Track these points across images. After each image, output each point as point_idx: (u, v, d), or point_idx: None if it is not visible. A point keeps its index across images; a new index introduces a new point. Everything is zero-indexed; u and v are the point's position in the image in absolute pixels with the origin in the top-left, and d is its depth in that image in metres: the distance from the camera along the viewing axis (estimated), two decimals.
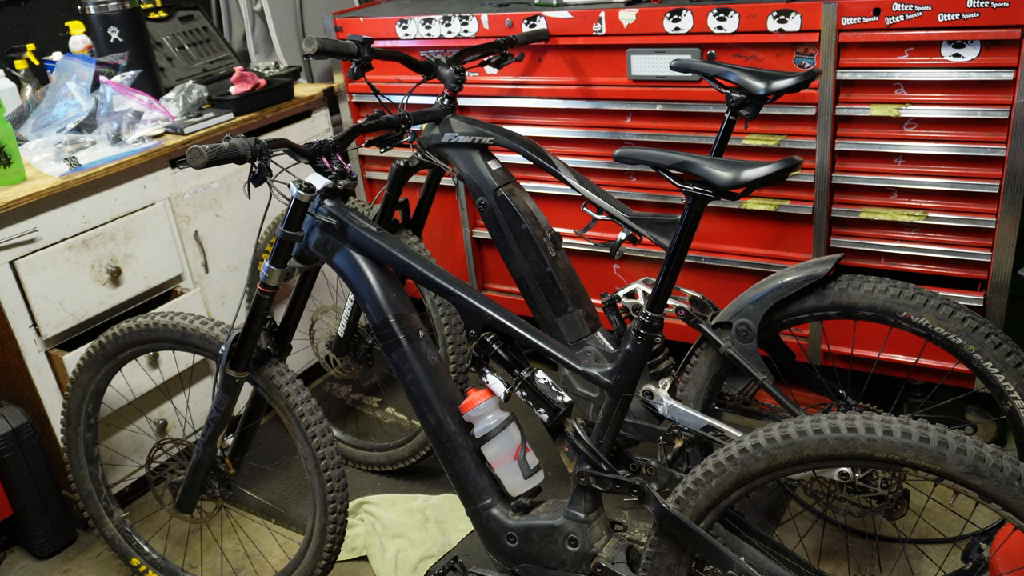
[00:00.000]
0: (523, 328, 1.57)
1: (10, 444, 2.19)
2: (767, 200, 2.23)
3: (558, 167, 2.03)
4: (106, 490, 2.17)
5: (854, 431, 1.27)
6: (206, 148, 1.45)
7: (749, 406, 1.96)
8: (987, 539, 1.78)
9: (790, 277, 1.74)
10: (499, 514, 1.66)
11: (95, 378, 2.03)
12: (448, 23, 2.51)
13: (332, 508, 1.82)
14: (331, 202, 1.68)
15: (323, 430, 1.81)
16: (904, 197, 2.09)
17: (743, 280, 2.34)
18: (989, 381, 1.66)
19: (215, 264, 2.57)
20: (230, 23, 3.21)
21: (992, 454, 1.21)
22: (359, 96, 2.84)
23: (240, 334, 1.76)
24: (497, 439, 1.63)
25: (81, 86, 2.35)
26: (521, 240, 2.06)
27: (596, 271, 2.58)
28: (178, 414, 2.49)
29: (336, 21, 2.72)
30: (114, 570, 2.29)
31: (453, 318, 2.22)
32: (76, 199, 2.18)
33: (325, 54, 1.93)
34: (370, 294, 1.67)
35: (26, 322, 2.14)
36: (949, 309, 1.66)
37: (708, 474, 1.39)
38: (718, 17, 2.10)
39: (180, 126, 2.41)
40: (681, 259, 1.54)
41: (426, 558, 2.19)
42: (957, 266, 2.09)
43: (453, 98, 2.15)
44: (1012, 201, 1.94)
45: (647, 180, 2.40)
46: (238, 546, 2.33)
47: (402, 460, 2.47)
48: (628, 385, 1.56)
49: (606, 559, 1.59)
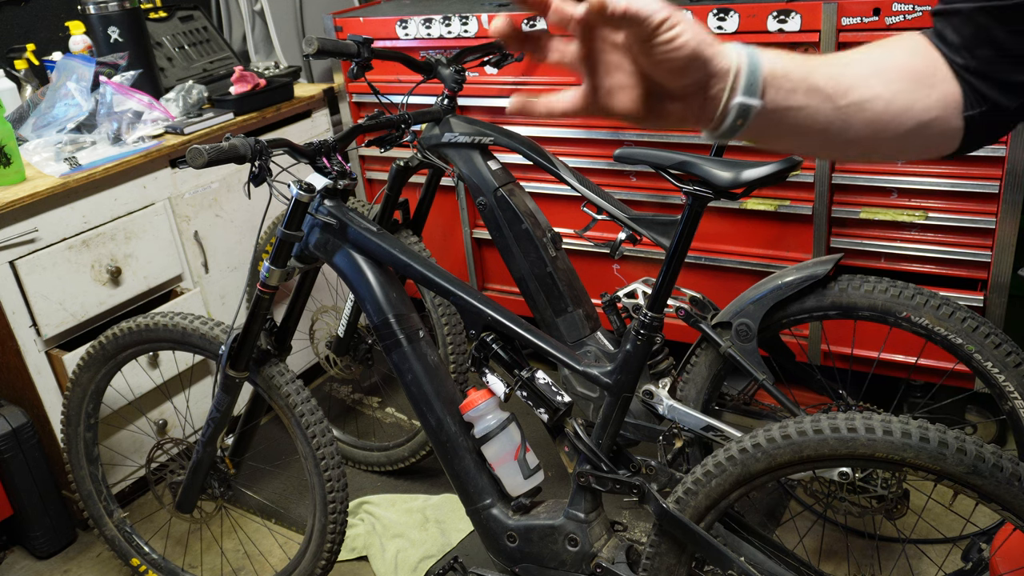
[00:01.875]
0: (523, 328, 1.57)
1: (10, 444, 2.19)
2: (767, 200, 2.23)
3: (558, 167, 2.03)
4: (106, 490, 2.17)
5: (854, 431, 1.27)
6: (206, 148, 1.45)
7: (749, 406, 1.96)
8: (987, 539, 1.78)
9: (790, 277, 1.74)
10: (499, 514, 1.66)
11: (95, 378, 2.03)
12: (448, 23, 2.51)
13: (332, 508, 1.82)
14: (331, 202, 1.68)
15: (323, 430, 1.80)
16: (904, 197, 2.09)
17: (743, 280, 2.34)
18: (989, 381, 1.66)
19: (215, 264, 2.57)
20: (230, 23, 3.21)
21: (992, 454, 1.21)
22: (359, 96, 2.84)
23: (240, 334, 1.76)
24: (497, 439, 1.63)
25: (81, 86, 2.35)
26: (521, 240, 2.06)
27: (596, 271, 2.58)
28: (178, 414, 2.49)
29: (336, 21, 2.72)
30: (114, 570, 2.29)
31: (453, 318, 2.22)
32: (76, 199, 2.18)
33: (325, 54, 1.93)
34: (370, 294, 1.67)
35: (26, 322, 2.14)
36: (949, 309, 1.66)
37: (708, 474, 1.39)
38: (718, 17, 2.10)
39: (180, 126, 2.41)
40: (681, 259, 1.54)
41: (426, 558, 2.19)
42: (957, 266, 2.09)
43: (453, 98, 2.15)
44: (1012, 201, 1.94)
45: (647, 180, 2.40)
46: (238, 546, 2.33)
47: (402, 460, 2.47)
48: (628, 385, 1.56)
49: (606, 559, 1.59)
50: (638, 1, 0.61)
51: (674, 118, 0.69)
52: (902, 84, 0.74)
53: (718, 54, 0.66)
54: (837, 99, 0.71)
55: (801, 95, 0.70)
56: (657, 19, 0.61)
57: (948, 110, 0.75)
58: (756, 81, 0.67)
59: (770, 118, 0.70)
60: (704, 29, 0.65)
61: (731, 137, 0.71)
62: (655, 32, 0.61)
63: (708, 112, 0.68)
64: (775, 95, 0.69)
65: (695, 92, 0.67)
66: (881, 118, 0.73)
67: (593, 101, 0.68)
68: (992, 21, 0.73)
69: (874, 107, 0.73)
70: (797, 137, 0.73)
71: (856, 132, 0.73)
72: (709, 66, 0.65)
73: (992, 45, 0.73)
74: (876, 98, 0.73)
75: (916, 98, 0.74)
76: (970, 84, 0.76)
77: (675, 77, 0.65)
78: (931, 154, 0.80)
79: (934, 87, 0.75)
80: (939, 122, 0.76)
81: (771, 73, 0.68)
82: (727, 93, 0.67)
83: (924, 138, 0.76)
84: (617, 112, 0.68)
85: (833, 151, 0.76)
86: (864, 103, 0.72)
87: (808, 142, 0.75)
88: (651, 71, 0.65)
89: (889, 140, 0.75)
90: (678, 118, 0.69)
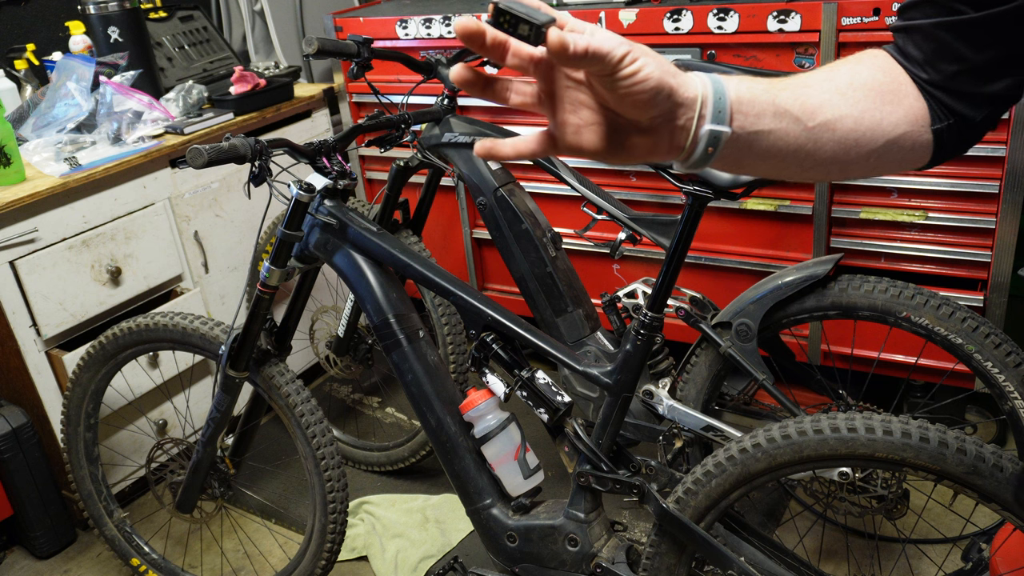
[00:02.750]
0: (523, 328, 1.57)
1: (10, 444, 2.19)
2: (767, 200, 2.23)
3: (558, 167, 2.03)
4: (106, 490, 2.17)
5: (854, 431, 1.27)
6: (206, 148, 1.45)
7: (749, 406, 1.96)
8: (987, 539, 1.78)
9: (790, 277, 1.74)
10: (499, 514, 1.66)
11: (95, 378, 2.03)
12: (448, 23, 2.51)
13: (332, 508, 1.82)
14: (331, 202, 1.68)
15: (323, 430, 1.80)
16: (904, 197, 2.09)
17: (743, 280, 2.34)
18: (989, 381, 1.65)
19: (215, 264, 2.57)
20: (230, 23, 3.21)
21: (992, 454, 1.21)
22: (359, 96, 2.84)
23: (240, 334, 1.76)
24: (497, 439, 1.63)
25: (81, 86, 2.35)
26: (521, 240, 2.06)
27: (596, 271, 2.58)
28: (178, 414, 2.49)
29: (336, 21, 2.72)
30: (114, 570, 2.29)
31: (453, 318, 2.22)
32: (76, 199, 2.18)
33: (325, 54, 1.93)
34: (370, 294, 1.67)
35: (26, 322, 2.14)
36: (949, 309, 1.66)
37: (708, 474, 1.39)
38: (718, 17, 2.10)
39: (180, 126, 2.41)
40: (681, 259, 1.54)
41: (426, 558, 2.19)
42: (957, 266, 2.09)
43: (453, 98, 2.15)
44: (1012, 201, 1.94)
45: (647, 180, 2.40)
46: (238, 546, 2.33)
47: (402, 460, 2.47)
48: (628, 385, 1.56)
49: (606, 559, 1.59)
50: (597, 39, 0.60)
51: (641, 151, 0.68)
52: (869, 102, 0.74)
53: (683, 84, 0.66)
54: (806, 120, 0.71)
55: (769, 119, 0.70)
56: (618, 55, 0.61)
57: (916, 125, 0.76)
58: (724, 108, 0.67)
59: (740, 144, 0.69)
60: (665, 60, 0.65)
61: (703, 166, 0.70)
62: (617, 67, 0.61)
63: (677, 142, 0.68)
64: (743, 120, 0.68)
65: (662, 124, 0.66)
66: (850, 136, 0.73)
67: (560, 138, 0.68)
68: (951, 37, 0.73)
69: (843, 126, 0.73)
70: (769, 161, 0.73)
71: (827, 152, 0.73)
72: (675, 96, 0.65)
73: (954, 59, 0.74)
74: (844, 117, 0.73)
75: (883, 115, 0.74)
76: (935, 98, 0.76)
77: (641, 110, 0.65)
78: (904, 168, 0.80)
79: (900, 103, 0.75)
80: (908, 137, 0.76)
81: (737, 99, 0.68)
82: (695, 122, 0.67)
83: (894, 154, 0.76)
84: (584, 148, 0.68)
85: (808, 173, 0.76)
86: (832, 123, 0.72)
87: (781, 165, 0.74)
88: (616, 106, 0.65)
89: (861, 158, 0.75)
90: (646, 151, 0.68)
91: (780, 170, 0.75)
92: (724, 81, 0.68)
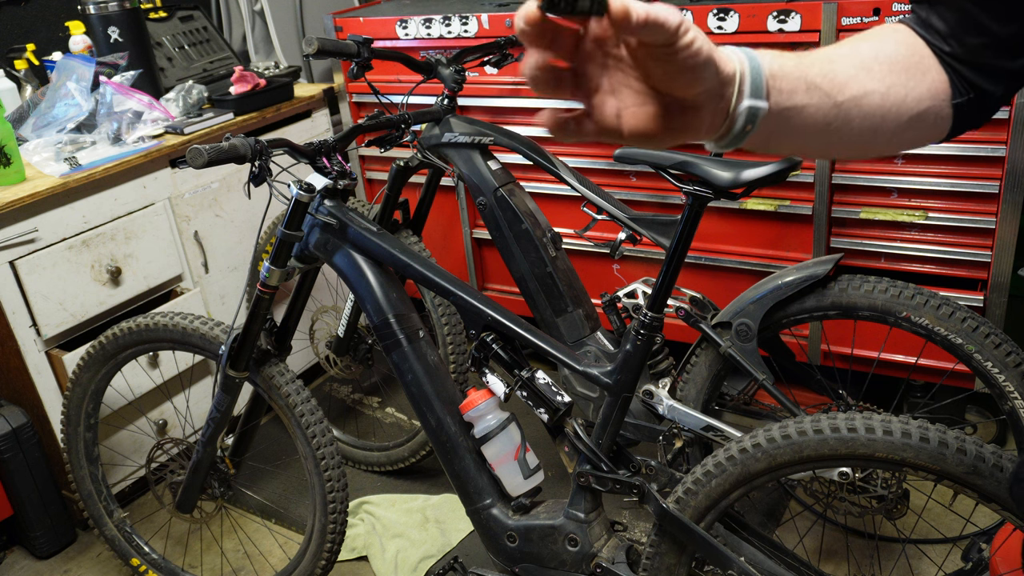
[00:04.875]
0: (523, 328, 1.57)
1: (10, 444, 2.19)
2: (767, 200, 2.23)
3: (558, 167, 2.03)
4: (106, 490, 2.17)
5: (854, 431, 1.27)
6: (206, 148, 1.45)
7: (749, 406, 1.96)
8: (987, 539, 1.78)
9: (790, 277, 1.74)
10: (499, 514, 1.66)
11: (95, 378, 2.03)
12: (448, 23, 2.51)
13: (332, 508, 1.82)
14: (331, 202, 1.68)
15: (323, 430, 1.81)
16: (904, 197, 2.09)
17: (743, 280, 2.34)
18: (989, 381, 1.66)
19: (215, 264, 2.57)
20: (230, 23, 3.21)
21: (992, 454, 1.21)
22: (359, 96, 2.84)
23: (240, 334, 1.76)
24: (497, 439, 1.63)
25: (81, 86, 2.35)
26: (521, 240, 2.06)
27: (596, 271, 2.58)
28: (178, 414, 2.49)
29: (336, 21, 2.72)
30: (114, 570, 2.29)
31: (453, 318, 2.22)
32: (76, 199, 2.18)
33: (325, 54, 1.93)
34: (370, 294, 1.67)
35: (26, 322, 2.14)
36: (949, 309, 1.66)
37: (708, 474, 1.39)
38: (718, 17, 2.10)
39: (180, 126, 2.41)
40: (681, 259, 1.54)
41: (426, 558, 2.19)
42: (957, 266, 2.09)
43: (453, 98, 2.15)
44: (1012, 201, 1.94)
45: (647, 180, 2.40)
46: (238, 546, 2.33)
47: (402, 460, 2.47)
48: (628, 385, 1.56)
49: (606, 559, 1.59)
50: (655, 8, 0.58)
51: (690, 131, 0.65)
52: (895, 77, 0.73)
53: (722, 58, 0.63)
54: (835, 95, 0.70)
55: (801, 94, 0.68)
56: (674, 23, 0.58)
57: (938, 99, 0.75)
58: (760, 83, 0.65)
59: (775, 120, 0.68)
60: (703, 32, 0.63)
61: (738, 144, 0.68)
62: (675, 36, 0.58)
63: (716, 120, 0.65)
64: (778, 97, 0.67)
65: (706, 100, 0.63)
66: (877, 112, 0.72)
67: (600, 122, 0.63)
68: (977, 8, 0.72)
69: (871, 102, 0.72)
70: (797, 138, 0.72)
71: (856, 127, 0.72)
72: (720, 70, 0.63)
73: (979, 32, 0.73)
74: (871, 92, 0.72)
75: (908, 90, 0.74)
76: (957, 72, 0.75)
77: (691, 86, 0.62)
78: (923, 143, 0.79)
79: (923, 78, 0.75)
80: (931, 112, 0.75)
81: (771, 74, 0.66)
82: (735, 98, 0.64)
83: (917, 130, 0.76)
84: (630, 132, 0.63)
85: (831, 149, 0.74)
86: (860, 98, 0.71)
87: (810, 142, 0.73)
88: (668, 82, 0.62)
89: (888, 134, 0.74)
90: (694, 130, 0.65)
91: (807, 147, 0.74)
92: (758, 55, 0.66)
